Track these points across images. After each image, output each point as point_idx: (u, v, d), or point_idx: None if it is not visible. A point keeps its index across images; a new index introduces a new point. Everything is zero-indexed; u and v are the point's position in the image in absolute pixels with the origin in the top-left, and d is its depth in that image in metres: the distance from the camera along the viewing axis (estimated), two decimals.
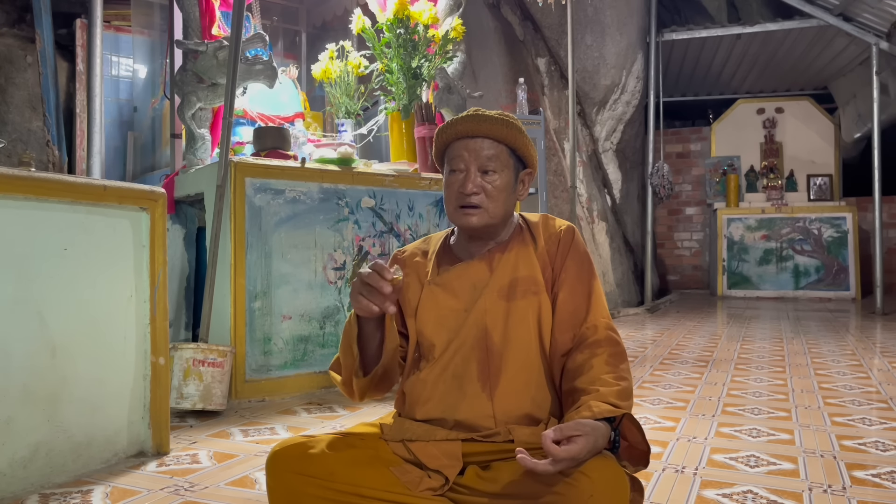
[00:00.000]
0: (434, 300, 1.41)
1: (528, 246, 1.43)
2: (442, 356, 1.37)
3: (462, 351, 1.36)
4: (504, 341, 1.35)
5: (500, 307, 1.37)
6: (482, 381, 1.34)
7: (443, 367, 1.36)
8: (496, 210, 1.38)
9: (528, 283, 1.39)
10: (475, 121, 1.37)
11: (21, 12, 4.29)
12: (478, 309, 1.37)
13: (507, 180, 1.39)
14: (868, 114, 7.34)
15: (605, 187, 7.38)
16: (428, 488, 1.23)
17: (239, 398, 2.83)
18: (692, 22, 8.08)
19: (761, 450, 2.15)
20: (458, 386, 1.34)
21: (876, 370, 3.55)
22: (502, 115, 1.39)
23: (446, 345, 1.38)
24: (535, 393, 1.34)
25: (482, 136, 1.37)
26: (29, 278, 1.81)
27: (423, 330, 1.40)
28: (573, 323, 1.37)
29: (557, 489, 1.13)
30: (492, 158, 1.37)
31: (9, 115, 4.15)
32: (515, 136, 1.38)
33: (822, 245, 8.15)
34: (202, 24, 3.25)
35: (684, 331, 5.25)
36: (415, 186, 3.41)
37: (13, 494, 1.74)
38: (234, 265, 2.85)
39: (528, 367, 1.35)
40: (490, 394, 1.33)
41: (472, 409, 1.32)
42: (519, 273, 1.39)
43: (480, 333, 1.36)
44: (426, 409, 1.35)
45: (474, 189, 1.36)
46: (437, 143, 1.43)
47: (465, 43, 4.78)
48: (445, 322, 1.39)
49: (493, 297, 1.38)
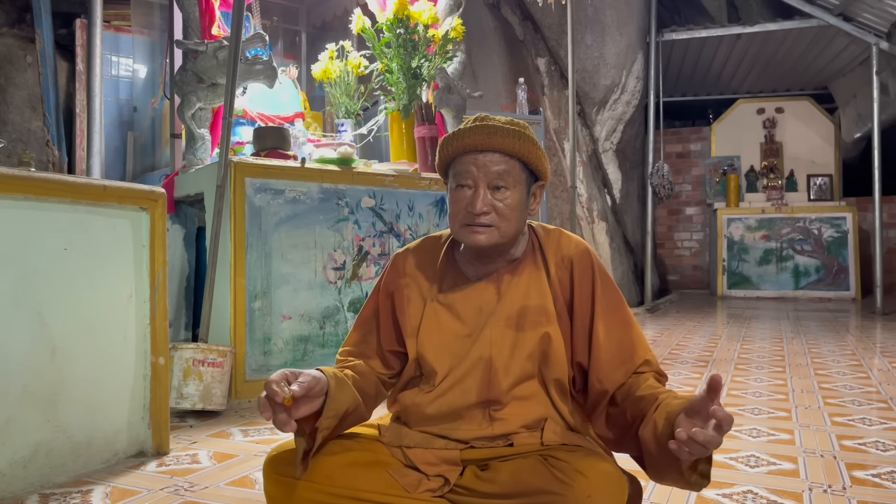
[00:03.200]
0: (437, 322, 1.33)
1: (540, 270, 1.34)
2: (442, 384, 1.31)
3: (464, 383, 1.30)
4: (506, 373, 1.29)
5: (507, 337, 1.30)
6: (482, 409, 1.29)
7: (440, 393, 1.30)
8: (508, 229, 1.27)
9: (537, 314, 1.30)
10: (485, 133, 1.25)
11: (21, 12, 4.29)
12: (483, 338, 1.30)
13: (519, 197, 1.27)
14: (868, 114, 7.34)
15: (605, 187, 7.38)
16: (427, 490, 1.22)
17: (239, 398, 2.83)
18: (692, 22, 8.08)
19: (761, 450, 2.15)
20: (458, 413, 1.30)
21: (876, 370, 3.55)
22: (514, 126, 1.27)
23: (447, 371, 1.31)
24: (536, 417, 1.29)
25: (492, 151, 1.25)
26: (29, 278, 1.81)
27: (425, 354, 1.33)
28: (622, 359, 1.29)
29: (555, 489, 1.13)
30: (503, 175, 1.25)
31: (9, 115, 4.15)
32: (529, 150, 1.27)
33: (822, 245, 8.15)
34: (202, 24, 3.25)
35: (684, 331, 5.25)
36: (415, 186, 3.41)
37: (13, 494, 1.74)
38: (234, 265, 2.85)
39: (528, 395, 1.30)
40: (490, 420, 1.29)
41: (471, 432, 1.29)
42: (529, 301, 1.31)
43: (484, 365, 1.29)
44: (424, 428, 1.32)
45: (484, 208, 1.24)
46: (442, 155, 1.31)
47: (465, 43, 4.77)
48: (448, 347, 1.31)
49: (500, 326, 1.30)
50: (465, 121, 1.32)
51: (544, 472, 1.16)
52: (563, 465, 1.17)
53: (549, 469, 1.17)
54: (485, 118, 1.29)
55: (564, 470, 1.15)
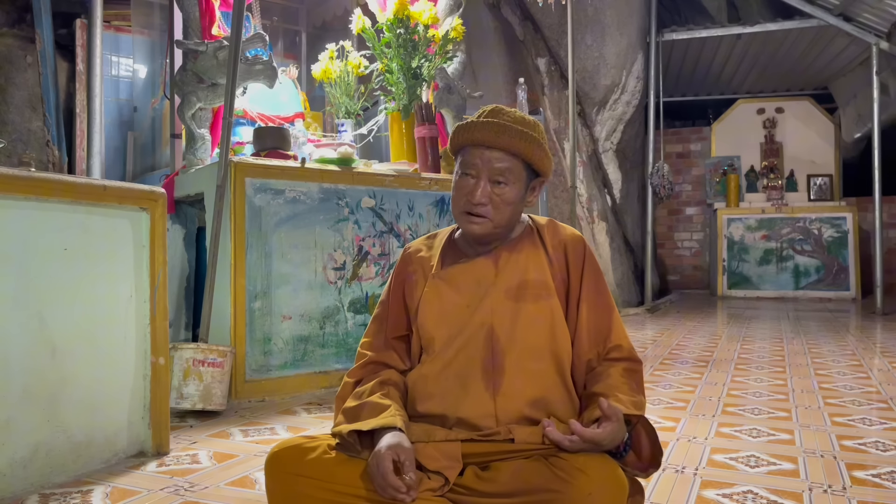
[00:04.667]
0: (437, 294, 1.40)
1: (538, 249, 1.42)
2: (443, 352, 1.36)
3: (466, 350, 1.35)
4: (510, 342, 1.34)
5: (508, 308, 1.36)
6: (486, 380, 1.33)
7: (445, 363, 1.36)
8: (501, 220, 1.37)
9: (538, 287, 1.37)
10: (495, 131, 1.33)
11: (21, 12, 4.29)
12: (484, 308, 1.36)
13: (517, 192, 1.37)
14: (868, 114, 7.33)
15: (605, 187, 7.38)
16: (427, 489, 1.23)
17: (239, 398, 2.83)
18: (692, 22, 8.08)
19: (761, 450, 2.15)
20: (461, 384, 1.34)
21: (876, 370, 3.55)
22: (523, 129, 1.35)
23: (447, 340, 1.37)
24: (539, 395, 1.33)
25: (498, 149, 1.34)
26: (29, 278, 1.81)
27: (425, 323, 1.40)
28: (597, 339, 1.38)
29: (556, 487, 1.14)
30: (504, 172, 1.35)
31: (9, 115, 4.15)
32: (533, 151, 1.35)
33: (822, 245, 8.15)
34: (202, 24, 3.25)
35: (684, 331, 5.25)
36: (415, 186, 3.41)
37: (13, 494, 1.74)
38: (234, 265, 2.85)
39: (533, 369, 1.34)
40: (493, 393, 1.32)
41: (475, 408, 1.31)
42: (529, 275, 1.38)
43: (486, 333, 1.35)
44: (428, 406, 1.35)
45: (482, 199, 1.34)
46: (453, 142, 1.41)
47: (465, 43, 4.77)
48: (447, 316, 1.38)
49: (500, 296, 1.37)
50: (480, 110, 1.40)
51: (545, 471, 1.18)
52: (563, 464, 1.17)
53: (549, 467, 1.18)
54: (497, 112, 1.37)
55: (565, 468, 1.16)
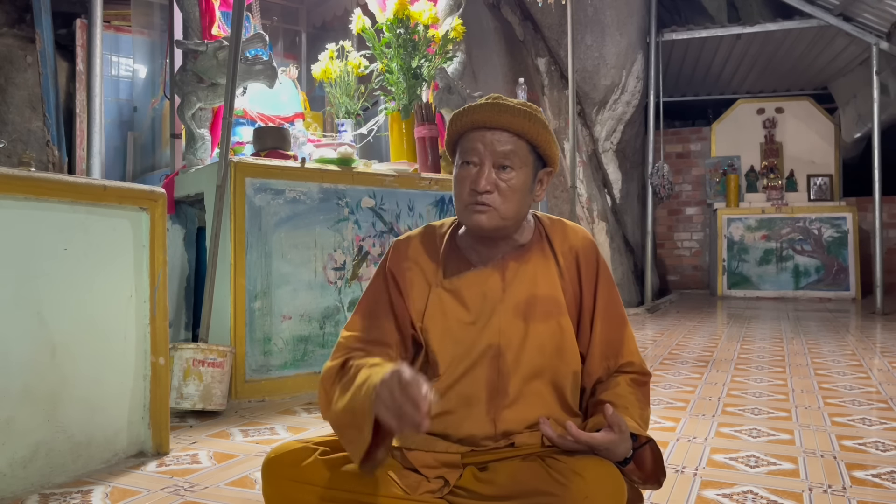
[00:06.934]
0: (441, 309, 1.31)
1: (548, 259, 1.33)
2: (448, 373, 1.28)
3: (473, 372, 1.27)
4: (516, 364, 1.27)
5: (517, 327, 1.28)
6: (489, 402, 1.27)
7: (448, 384, 1.28)
8: (508, 211, 1.25)
9: (548, 303, 1.29)
10: (494, 110, 1.23)
11: (21, 12, 4.29)
12: (492, 327, 1.28)
13: (524, 179, 1.26)
14: (868, 114, 7.33)
15: (605, 187, 7.38)
16: (427, 491, 1.22)
17: (239, 398, 2.83)
18: (692, 22, 8.08)
19: (761, 450, 2.15)
20: (466, 405, 1.27)
21: (876, 370, 3.55)
22: (525, 106, 1.25)
23: (451, 360, 1.28)
24: (542, 413, 1.28)
25: (501, 129, 1.23)
26: (29, 278, 1.81)
27: (429, 341, 1.30)
28: (608, 354, 1.33)
29: (553, 490, 1.13)
30: (509, 154, 1.23)
31: (9, 115, 4.15)
32: (538, 131, 1.25)
33: (822, 245, 8.15)
34: (202, 24, 3.25)
35: (684, 331, 5.25)
36: (415, 186, 3.41)
37: (13, 494, 1.74)
38: (234, 265, 2.85)
39: (537, 391, 1.28)
40: (494, 416, 1.27)
41: (476, 428, 1.27)
42: (538, 290, 1.29)
43: (493, 353, 1.27)
44: (429, 425, 1.32)
45: (487, 186, 1.23)
46: (451, 131, 1.29)
47: (465, 43, 4.78)
48: (451, 334, 1.29)
49: (509, 315, 1.28)
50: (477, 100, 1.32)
51: (542, 473, 1.17)
52: (560, 466, 1.17)
53: (546, 470, 1.17)
54: (497, 97, 1.27)
55: (562, 471, 1.16)
